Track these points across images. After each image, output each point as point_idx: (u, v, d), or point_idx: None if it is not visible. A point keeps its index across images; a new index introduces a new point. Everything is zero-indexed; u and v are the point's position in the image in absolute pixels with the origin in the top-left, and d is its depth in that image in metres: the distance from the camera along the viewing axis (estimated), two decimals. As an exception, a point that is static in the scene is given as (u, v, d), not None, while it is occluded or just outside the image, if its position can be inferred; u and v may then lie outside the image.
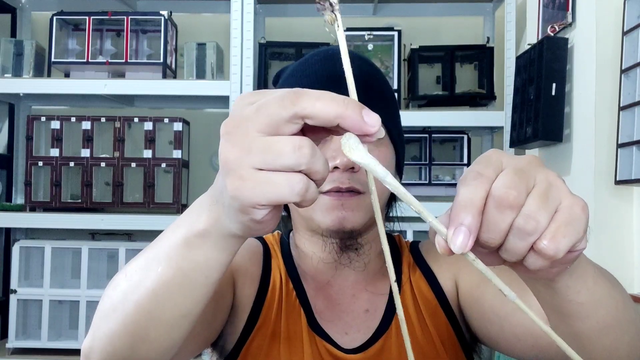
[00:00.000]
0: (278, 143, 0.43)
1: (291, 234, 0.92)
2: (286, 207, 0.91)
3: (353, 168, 0.77)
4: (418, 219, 0.50)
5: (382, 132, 0.45)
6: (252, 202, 0.44)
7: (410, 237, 1.96)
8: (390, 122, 0.83)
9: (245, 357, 0.81)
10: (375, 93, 0.82)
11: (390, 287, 0.84)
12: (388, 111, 0.82)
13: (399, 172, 0.88)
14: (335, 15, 0.45)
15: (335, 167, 0.76)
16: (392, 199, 0.91)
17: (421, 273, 0.86)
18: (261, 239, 0.91)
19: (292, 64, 0.90)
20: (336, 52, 0.84)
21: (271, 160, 0.43)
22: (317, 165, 0.44)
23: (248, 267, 0.84)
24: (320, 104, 0.43)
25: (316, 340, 0.81)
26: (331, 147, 0.78)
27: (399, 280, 0.86)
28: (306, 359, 0.80)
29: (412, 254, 0.89)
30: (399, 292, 0.84)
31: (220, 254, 0.51)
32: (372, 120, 0.44)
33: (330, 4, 0.44)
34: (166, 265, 0.52)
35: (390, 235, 0.94)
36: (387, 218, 0.93)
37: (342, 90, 0.77)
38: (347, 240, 0.82)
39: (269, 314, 0.82)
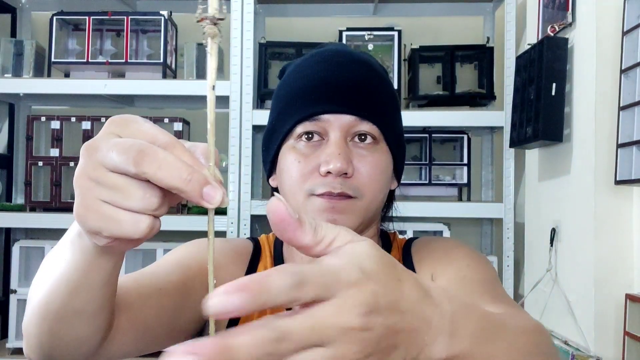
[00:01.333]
0: (129, 186, 0.43)
1: None
2: None
3: (346, 174, 0.77)
4: (418, 219, 0.50)
5: (226, 202, 0.43)
6: (94, 231, 0.45)
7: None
8: (386, 127, 0.82)
9: None
10: (372, 98, 0.82)
11: None
12: (384, 117, 0.82)
13: (397, 176, 0.88)
14: (219, 30, 0.43)
15: (328, 172, 0.77)
16: (389, 200, 0.91)
17: None
18: (255, 240, 0.91)
19: (296, 60, 0.89)
20: (334, 53, 0.84)
21: (119, 199, 0.43)
22: (162, 211, 0.44)
23: (228, 266, 0.83)
24: (162, 173, 0.42)
25: None
26: (325, 151, 0.78)
27: None
28: None
29: (403, 252, 0.89)
30: None
31: (97, 259, 0.54)
32: (212, 197, 0.42)
33: (214, 18, 0.42)
34: (56, 266, 0.57)
35: (384, 233, 0.93)
36: (385, 218, 0.92)
37: (335, 94, 0.78)
38: None
39: (250, 315, 0.81)
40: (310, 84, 0.80)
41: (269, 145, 0.86)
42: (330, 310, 0.36)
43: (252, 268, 0.85)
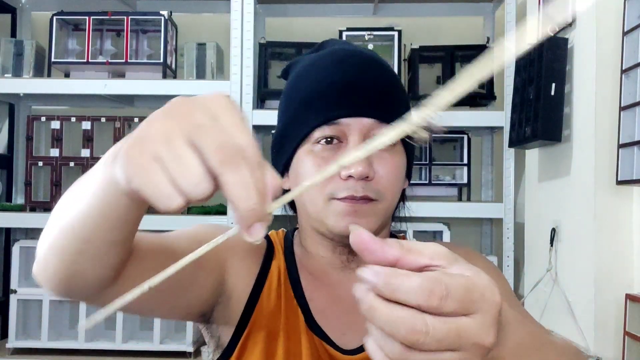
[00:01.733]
0: (192, 167, 0.43)
1: (296, 232, 0.91)
2: (292, 206, 0.90)
3: (367, 177, 0.77)
4: (418, 219, 0.51)
5: (258, 240, 0.44)
6: (134, 186, 0.45)
7: (410, 237, 1.95)
8: None
9: (241, 352, 0.81)
10: (391, 99, 0.82)
11: None
12: (403, 118, 0.82)
13: (407, 175, 0.88)
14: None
15: (349, 176, 0.76)
16: (400, 199, 0.91)
17: None
18: (267, 237, 0.90)
19: (302, 59, 0.88)
20: (349, 54, 0.83)
21: (177, 173, 0.43)
22: (197, 202, 0.44)
23: (246, 260, 0.84)
24: (234, 188, 0.42)
25: (314, 340, 0.81)
26: (346, 154, 0.78)
27: None
28: (304, 358, 0.80)
29: None
30: None
31: (126, 202, 0.54)
32: (256, 235, 0.43)
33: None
34: (83, 200, 0.57)
35: (394, 236, 0.94)
36: (393, 218, 0.93)
37: (353, 97, 0.78)
38: None
39: (263, 311, 0.82)
40: (328, 87, 0.79)
41: (281, 149, 0.85)
42: (474, 324, 0.43)
43: (265, 266, 0.85)
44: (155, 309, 0.76)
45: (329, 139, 0.79)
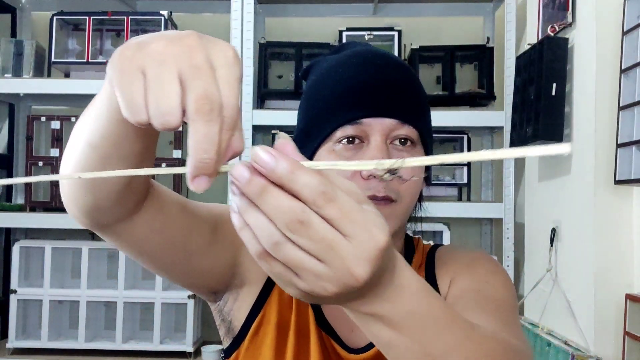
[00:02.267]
0: (169, 97, 0.43)
1: None
2: None
3: (395, 173, 0.77)
4: (417, 219, 0.51)
5: (199, 191, 0.45)
6: (114, 85, 0.46)
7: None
8: (424, 127, 0.84)
9: (253, 340, 0.82)
10: (412, 101, 0.82)
11: None
12: (423, 120, 0.83)
13: (426, 179, 0.88)
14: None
15: (371, 176, 0.77)
16: (417, 200, 0.91)
17: (424, 276, 0.87)
18: None
19: (323, 59, 0.89)
20: (373, 55, 0.84)
21: (152, 92, 0.44)
22: (160, 127, 0.45)
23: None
24: (197, 135, 0.43)
25: (323, 337, 0.82)
26: (367, 154, 0.78)
27: None
28: (313, 354, 0.80)
29: (427, 257, 0.90)
30: None
31: (130, 132, 0.56)
32: (197, 187, 0.44)
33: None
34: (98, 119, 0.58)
35: (409, 237, 0.94)
36: (410, 218, 0.93)
37: (375, 97, 0.78)
38: None
39: (276, 302, 0.83)
40: (351, 87, 0.80)
41: (302, 147, 0.85)
42: (348, 246, 0.43)
43: None
44: (169, 264, 0.78)
45: (350, 139, 0.79)
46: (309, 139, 0.83)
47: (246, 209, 0.44)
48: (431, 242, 0.96)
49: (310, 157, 0.83)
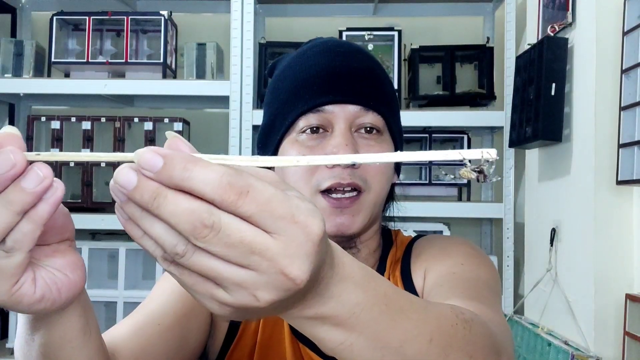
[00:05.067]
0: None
1: None
2: None
3: (354, 165, 0.75)
4: (418, 219, 0.50)
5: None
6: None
7: (410, 237, 1.96)
8: (392, 118, 0.81)
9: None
10: (377, 87, 0.80)
11: None
12: (389, 107, 0.81)
13: (397, 169, 0.86)
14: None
15: (335, 164, 0.74)
16: (389, 198, 0.89)
17: (400, 270, 0.83)
18: None
19: (287, 55, 0.87)
20: (335, 44, 0.83)
21: None
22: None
23: None
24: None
25: (299, 347, 0.79)
26: (331, 142, 0.76)
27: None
28: None
29: (405, 250, 0.86)
30: None
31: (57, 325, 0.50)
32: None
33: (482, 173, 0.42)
34: (30, 349, 0.52)
35: (387, 230, 0.91)
36: (384, 218, 0.90)
37: (338, 84, 0.77)
38: (346, 243, 0.80)
39: (248, 326, 0.80)
40: (312, 75, 0.78)
41: (267, 141, 0.83)
42: (274, 245, 0.37)
43: None
44: None
45: (314, 128, 0.77)
46: (272, 132, 0.81)
47: (140, 216, 0.37)
48: (413, 234, 0.92)
49: (274, 150, 0.81)
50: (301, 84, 0.78)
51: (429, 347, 0.48)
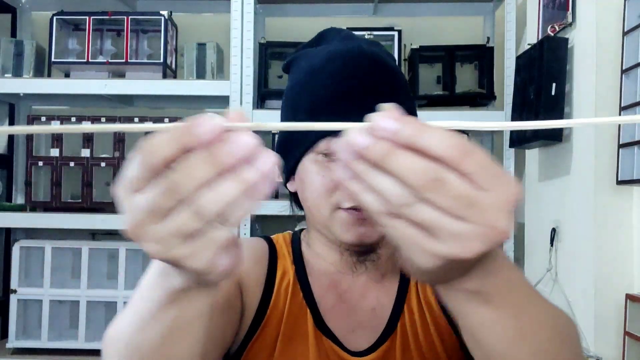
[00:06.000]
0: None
1: (303, 233, 0.92)
2: (299, 205, 0.90)
3: None
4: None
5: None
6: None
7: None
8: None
9: (246, 358, 0.81)
10: (389, 100, 0.81)
11: (399, 286, 0.85)
12: (404, 106, 0.82)
13: None
14: None
15: None
16: None
17: None
18: (268, 239, 0.90)
19: (304, 54, 0.87)
20: (352, 55, 0.82)
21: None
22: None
23: (252, 271, 0.84)
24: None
25: (323, 340, 0.81)
26: None
27: (405, 281, 0.86)
28: (312, 358, 0.80)
29: None
30: (406, 293, 0.85)
31: (196, 301, 0.50)
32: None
33: None
34: (157, 322, 0.51)
35: None
36: None
37: (354, 105, 0.77)
38: (366, 253, 0.83)
39: (273, 316, 0.82)
40: (329, 96, 0.80)
41: (287, 154, 0.85)
42: (488, 199, 0.41)
43: (271, 270, 0.85)
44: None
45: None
46: (293, 147, 0.84)
47: (369, 172, 0.41)
48: None
49: (295, 165, 0.83)
50: (319, 106, 0.80)
51: (553, 337, 0.53)
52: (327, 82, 0.80)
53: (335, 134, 0.77)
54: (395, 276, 0.87)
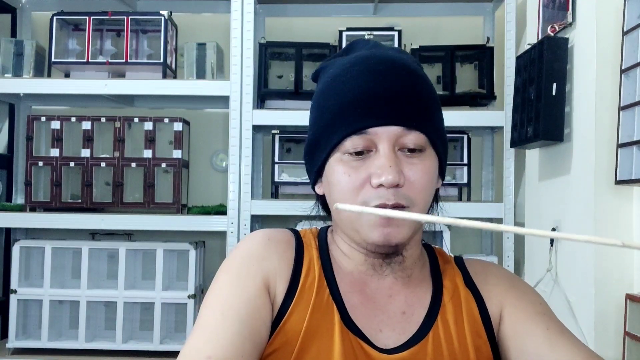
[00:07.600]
0: None
1: (329, 230, 0.92)
2: (325, 207, 0.91)
3: (398, 185, 0.78)
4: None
5: None
6: None
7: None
8: (434, 134, 0.84)
9: (270, 349, 0.81)
10: (418, 105, 0.83)
11: (432, 295, 0.86)
12: (431, 123, 0.84)
13: (441, 174, 0.90)
14: None
15: (380, 185, 0.78)
16: (433, 200, 0.92)
17: (470, 293, 0.88)
18: (295, 232, 0.91)
19: (333, 63, 0.89)
20: (377, 61, 0.84)
21: None
22: None
23: (278, 265, 0.84)
24: None
25: (350, 337, 0.81)
26: (375, 163, 0.79)
27: (439, 289, 0.87)
28: (336, 355, 0.80)
29: (461, 271, 0.91)
30: (440, 303, 0.86)
31: None
32: None
33: None
34: None
35: (428, 245, 0.96)
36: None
37: (381, 106, 0.79)
38: (392, 254, 0.85)
39: (297, 310, 0.82)
40: (355, 97, 0.81)
41: (314, 156, 0.87)
42: None
43: (297, 264, 0.85)
44: None
45: (359, 151, 0.81)
46: (319, 148, 0.85)
47: None
48: (449, 253, 0.98)
49: (322, 165, 0.85)
50: (344, 106, 0.82)
51: None
52: (352, 83, 0.82)
53: (359, 131, 0.80)
54: (425, 284, 0.88)
